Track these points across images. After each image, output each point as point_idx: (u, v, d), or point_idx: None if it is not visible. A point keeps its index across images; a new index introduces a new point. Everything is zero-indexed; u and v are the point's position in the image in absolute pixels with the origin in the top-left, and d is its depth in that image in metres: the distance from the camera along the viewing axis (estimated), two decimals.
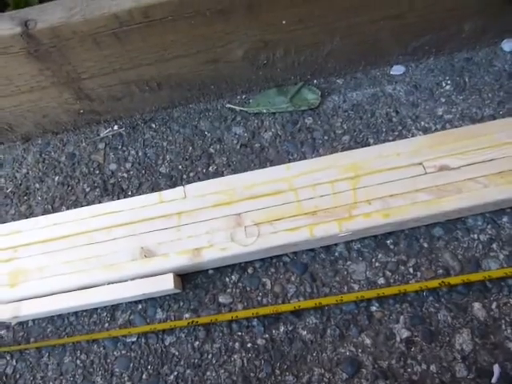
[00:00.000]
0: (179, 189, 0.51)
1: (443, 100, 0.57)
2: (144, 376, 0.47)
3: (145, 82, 0.56)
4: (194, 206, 0.49)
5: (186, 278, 0.51)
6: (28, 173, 0.61)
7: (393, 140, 0.55)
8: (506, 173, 0.48)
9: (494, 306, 0.46)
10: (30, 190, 0.60)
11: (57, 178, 0.60)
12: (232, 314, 0.47)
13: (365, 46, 0.57)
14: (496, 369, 0.43)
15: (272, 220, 0.48)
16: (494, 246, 0.48)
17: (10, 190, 0.60)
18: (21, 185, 0.60)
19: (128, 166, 0.59)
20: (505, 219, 0.49)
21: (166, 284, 0.47)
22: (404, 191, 0.48)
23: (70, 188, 0.59)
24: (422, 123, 0.56)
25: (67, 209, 0.57)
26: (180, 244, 0.48)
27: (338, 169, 0.50)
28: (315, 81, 0.61)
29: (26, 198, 0.59)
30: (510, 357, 0.44)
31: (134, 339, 0.49)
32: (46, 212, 0.58)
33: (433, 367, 0.44)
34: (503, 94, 0.57)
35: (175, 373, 0.47)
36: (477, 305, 0.46)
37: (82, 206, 0.56)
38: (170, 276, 0.47)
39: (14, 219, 0.58)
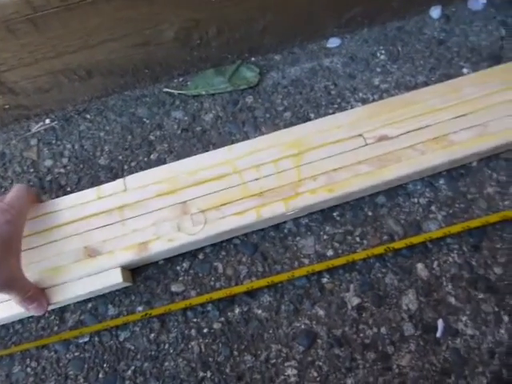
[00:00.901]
0: (119, 181, 0.49)
1: (379, 70, 0.58)
2: (100, 375, 0.46)
3: (72, 71, 0.53)
4: (136, 198, 0.48)
5: (136, 270, 0.50)
6: None
7: (333, 113, 0.56)
8: (440, 138, 0.49)
9: (435, 265, 0.48)
10: None
11: None
12: (186, 302, 0.47)
13: (299, 20, 0.56)
14: (440, 323, 0.46)
15: (218, 205, 0.47)
16: (433, 207, 0.50)
17: None
18: None
19: (64, 160, 0.56)
20: (441, 181, 0.51)
21: (114, 279, 0.46)
22: (346, 164, 0.49)
23: (3, 190, 0.55)
24: (360, 94, 0.57)
25: None
26: (125, 239, 0.46)
27: (280, 147, 0.50)
28: (253, 58, 0.60)
29: None
30: (452, 310, 0.46)
31: (87, 339, 0.47)
32: None
33: (383, 329, 0.46)
34: (434, 61, 0.58)
35: (132, 367, 0.46)
36: (420, 265, 0.48)
37: None
38: (118, 270, 0.46)
39: None
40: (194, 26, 0.52)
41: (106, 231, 0.47)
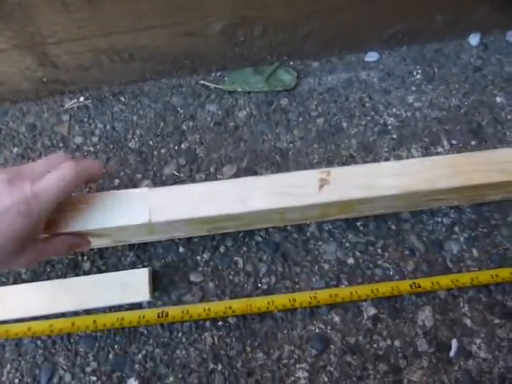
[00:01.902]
0: None
1: (414, 88, 0.59)
2: (111, 355, 0.46)
3: (116, 52, 0.53)
4: None
5: (155, 255, 0.50)
6: None
7: (365, 125, 0.57)
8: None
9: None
10: None
11: (16, 149, 0.56)
12: (204, 306, 0.46)
13: (342, 30, 0.57)
14: (454, 343, 0.46)
15: None
16: (456, 229, 0.51)
17: None
18: None
19: (95, 139, 0.56)
20: (466, 204, 0.52)
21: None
22: None
23: (30, 161, 0.55)
24: (394, 110, 0.57)
25: None
26: None
27: None
28: (291, 62, 0.61)
29: None
30: (467, 332, 0.46)
31: None
32: None
33: (397, 342, 0.46)
34: (468, 86, 0.59)
35: (143, 352, 0.46)
36: None
37: None
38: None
39: None
40: (241, 23, 0.52)
41: None
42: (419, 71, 0.60)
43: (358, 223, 0.52)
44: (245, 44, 0.56)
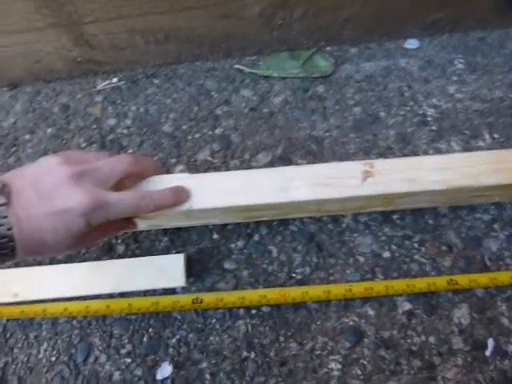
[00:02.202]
0: None
1: (455, 78, 0.57)
2: (145, 339, 0.46)
3: (152, 33, 0.52)
4: None
5: (189, 241, 0.49)
6: (16, 122, 0.56)
7: (404, 115, 0.55)
8: None
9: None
10: (18, 142, 0.55)
11: (49, 129, 0.56)
12: (238, 295, 0.46)
13: (383, 14, 0.55)
14: (490, 342, 0.45)
15: None
16: (496, 226, 0.50)
17: None
18: (8, 135, 0.56)
19: (128, 122, 0.56)
20: (507, 200, 0.50)
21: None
22: None
23: (64, 141, 0.55)
24: (434, 100, 0.56)
25: None
26: None
27: None
28: (328, 48, 0.59)
29: (14, 149, 0.55)
30: (504, 331, 0.46)
31: None
32: None
33: (431, 339, 0.46)
34: None
35: (177, 336, 0.46)
36: None
37: None
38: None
39: (0, 171, 0.54)
40: (280, 5, 0.51)
41: None
42: (461, 60, 0.58)
43: (395, 216, 0.51)
44: (283, 27, 0.54)
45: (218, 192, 0.40)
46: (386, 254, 0.49)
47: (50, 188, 0.33)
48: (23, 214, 0.31)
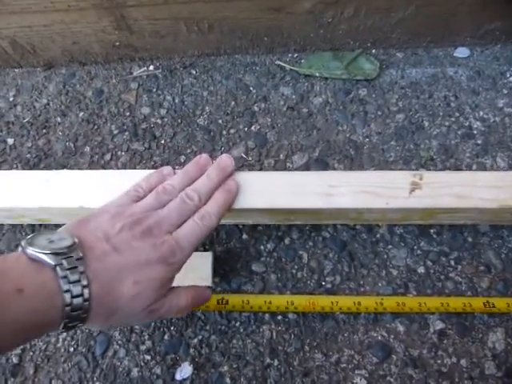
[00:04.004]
0: None
1: (505, 92, 0.54)
2: (166, 336, 0.45)
3: (195, 22, 0.50)
4: None
5: (217, 239, 0.48)
6: (48, 104, 0.55)
7: (448, 126, 0.53)
8: None
9: None
10: (50, 123, 0.54)
11: (81, 114, 0.54)
12: (265, 299, 0.44)
13: (436, 20, 0.52)
14: None
15: None
16: None
17: (27, 120, 0.54)
18: (40, 116, 0.55)
19: (162, 112, 0.54)
20: None
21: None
22: None
23: (95, 127, 0.54)
24: (481, 113, 0.53)
25: (91, 149, 0.52)
26: None
27: None
28: (374, 50, 0.57)
29: (44, 131, 0.54)
30: None
31: None
32: (66, 149, 0.53)
33: (463, 361, 0.44)
34: None
35: (200, 337, 0.45)
36: None
37: (109, 149, 0.52)
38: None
39: (30, 153, 0.53)
40: (332, 2, 0.49)
41: None
42: None
43: (432, 230, 0.49)
44: (330, 26, 0.52)
45: (259, 192, 0.38)
46: (421, 270, 0.47)
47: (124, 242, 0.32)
48: (100, 266, 0.30)
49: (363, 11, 0.50)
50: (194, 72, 0.56)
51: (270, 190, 0.38)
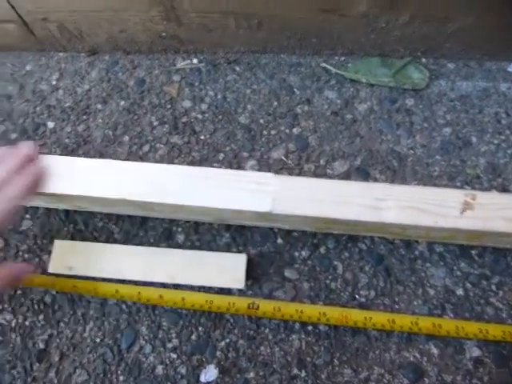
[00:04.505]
0: None
1: None
2: (193, 336, 0.44)
3: (245, 17, 0.49)
4: None
5: (251, 241, 0.47)
6: (90, 90, 0.55)
7: (497, 144, 0.51)
8: None
9: None
10: (90, 110, 0.54)
11: (122, 102, 0.54)
12: (297, 308, 0.43)
13: (494, 32, 0.50)
14: None
15: None
16: None
17: (68, 104, 0.54)
18: (81, 101, 0.54)
19: (204, 107, 0.53)
20: None
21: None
22: None
23: (135, 117, 0.53)
24: None
25: (130, 139, 0.52)
26: None
27: None
28: (424, 59, 0.55)
29: (85, 117, 0.53)
30: None
31: None
32: (105, 137, 0.52)
33: None
34: None
35: (227, 340, 0.44)
36: None
37: (148, 140, 0.52)
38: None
39: (69, 138, 0.52)
40: (388, 7, 0.47)
41: None
42: None
43: (474, 251, 0.47)
44: (383, 31, 0.50)
45: (303, 199, 0.37)
46: (460, 292, 0.45)
47: None
48: None
49: (419, 19, 0.48)
50: (237, 68, 0.55)
51: (313, 198, 0.37)
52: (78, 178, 0.39)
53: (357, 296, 0.45)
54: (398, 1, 0.46)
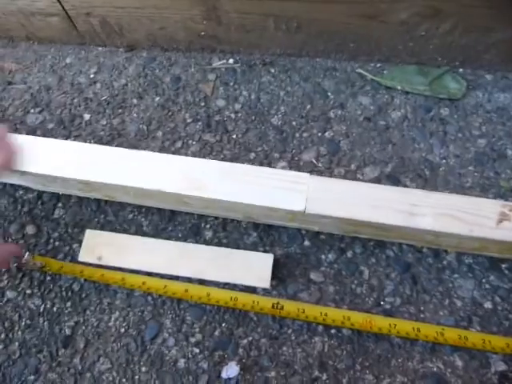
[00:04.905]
0: None
1: None
2: (216, 333, 0.44)
3: (285, 20, 0.50)
4: None
5: (278, 242, 0.47)
6: (127, 85, 0.56)
7: None
8: None
9: None
10: (126, 104, 0.55)
11: (157, 98, 0.55)
12: (322, 310, 0.43)
13: None
14: None
15: None
16: None
17: (104, 98, 0.55)
18: (117, 95, 0.56)
19: (237, 106, 0.54)
20: None
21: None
22: None
23: (170, 113, 0.54)
24: None
25: (163, 134, 0.53)
26: None
27: None
28: (461, 69, 0.54)
29: (120, 111, 0.55)
30: None
31: None
32: (139, 131, 0.53)
33: None
34: None
35: (250, 338, 0.44)
36: None
37: (180, 137, 0.52)
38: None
39: (103, 130, 0.54)
40: (430, 16, 0.47)
41: None
42: None
43: (504, 265, 0.46)
44: (422, 39, 0.50)
45: (336, 200, 0.37)
46: (488, 305, 0.44)
47: None
48: None
49: (460, 28, 0.48)
50: (272, 70, 0.56)
51: (348, 200, 0.37)
52: (113, 167, 0.40)
53: (382, 302, 0.45)
54: (444, 10, 0.46)
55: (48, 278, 0.47)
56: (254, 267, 0.44)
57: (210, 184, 0.38)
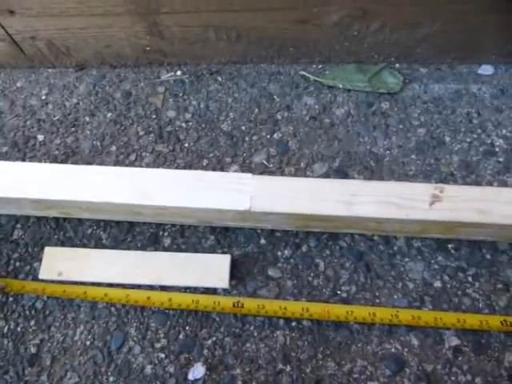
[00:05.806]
0: None
1: None
2: (181, 336, 0.45)
3: (225, 30, 0.52)
4: None
5: (236, 243, 0.49)
6: (78, 103, 0.57)
7: (470, 142, 0.53)
8: None
9: None
10: (78, 122, 0.56)
11: (109, 114, 0.56)
12: (281, 304, 0.45)
13: (461, 36, 0.53)
14: None
15: None
16: None
17: (57, 118, 0.56)
18: (69, 114, 0.57)
19: (188, 116, 0.55)
20: None
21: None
22: None
23: (122, 128, 0.55)
24: (504, 131, 0.53)
25: (117, 149, 0.54)
26: None
27: None
28: (397, 65, 0.57)
29: (73, 129, 0.56)
30: None
31: None
32: (93, 148, 0.54)
33: (477, 380, 0.43)
34: None
35: (214, 338, 0.45)
36: None
37: (134, 150, 0.54)
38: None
39: (58, 149, 0.54)
40: (360, 17, 0.50)
41: None
42: None
43: (450, 245, 0.48)
44: (356, 39, 0.53)
45: (280, 196, 0.39)
46: (437, 284, 0.47)
47: None
48: None
49: (389, 26, 0.51)
50: (219, 79, 0.58)
51: (290, 196, 0.39)
52: (62, 184, 0.41)
53: (338, 292, 0.47)
54: (371, 10, 0.49)
55: (10, 298, 0.48)
56: (212, 269, 0.46)
57: (158, 192, 0.40)
